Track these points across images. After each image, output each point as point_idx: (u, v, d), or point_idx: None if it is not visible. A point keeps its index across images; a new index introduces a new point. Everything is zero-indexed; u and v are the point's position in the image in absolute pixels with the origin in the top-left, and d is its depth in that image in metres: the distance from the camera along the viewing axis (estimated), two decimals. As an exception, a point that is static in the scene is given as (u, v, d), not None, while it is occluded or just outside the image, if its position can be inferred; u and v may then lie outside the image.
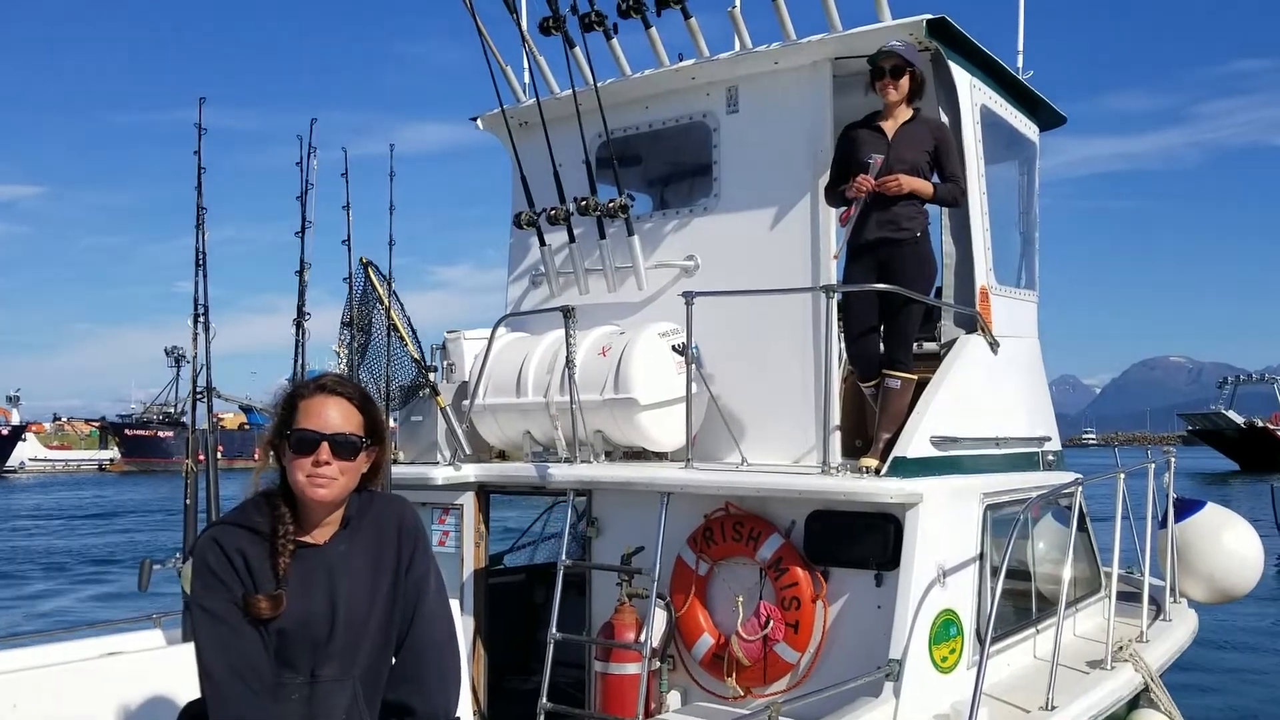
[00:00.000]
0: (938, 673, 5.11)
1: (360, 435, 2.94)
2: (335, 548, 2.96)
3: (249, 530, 2.89)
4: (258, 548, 2.86)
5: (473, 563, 6.62)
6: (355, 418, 2.95)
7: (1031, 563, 6.51)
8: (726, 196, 6.84)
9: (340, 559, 2.94)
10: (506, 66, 7.61)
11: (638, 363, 6.16)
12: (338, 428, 2.90)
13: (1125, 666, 6.07)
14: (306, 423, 2.89)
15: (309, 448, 2.86)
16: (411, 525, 3.14)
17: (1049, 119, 8.02)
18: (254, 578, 2.82)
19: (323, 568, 2.91)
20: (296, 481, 2.88)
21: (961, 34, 6.35)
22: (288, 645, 2.83)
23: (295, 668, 2.85)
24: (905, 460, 5.47)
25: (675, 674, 5.82)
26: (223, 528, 2.92)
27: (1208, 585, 8.09)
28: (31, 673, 4.44)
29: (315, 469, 2.86)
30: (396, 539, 3.05)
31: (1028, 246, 7.83)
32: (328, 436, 2.88)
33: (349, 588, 2.92)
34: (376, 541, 3.02)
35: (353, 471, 2.94)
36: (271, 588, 2.81)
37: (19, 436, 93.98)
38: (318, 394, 2.94)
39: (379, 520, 3.06)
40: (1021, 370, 7.03)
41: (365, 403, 3.00)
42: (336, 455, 2.88)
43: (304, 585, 2.86)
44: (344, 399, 2.95)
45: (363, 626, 2.92)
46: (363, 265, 6.56)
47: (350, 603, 2.90)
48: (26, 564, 25.61)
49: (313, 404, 2.92)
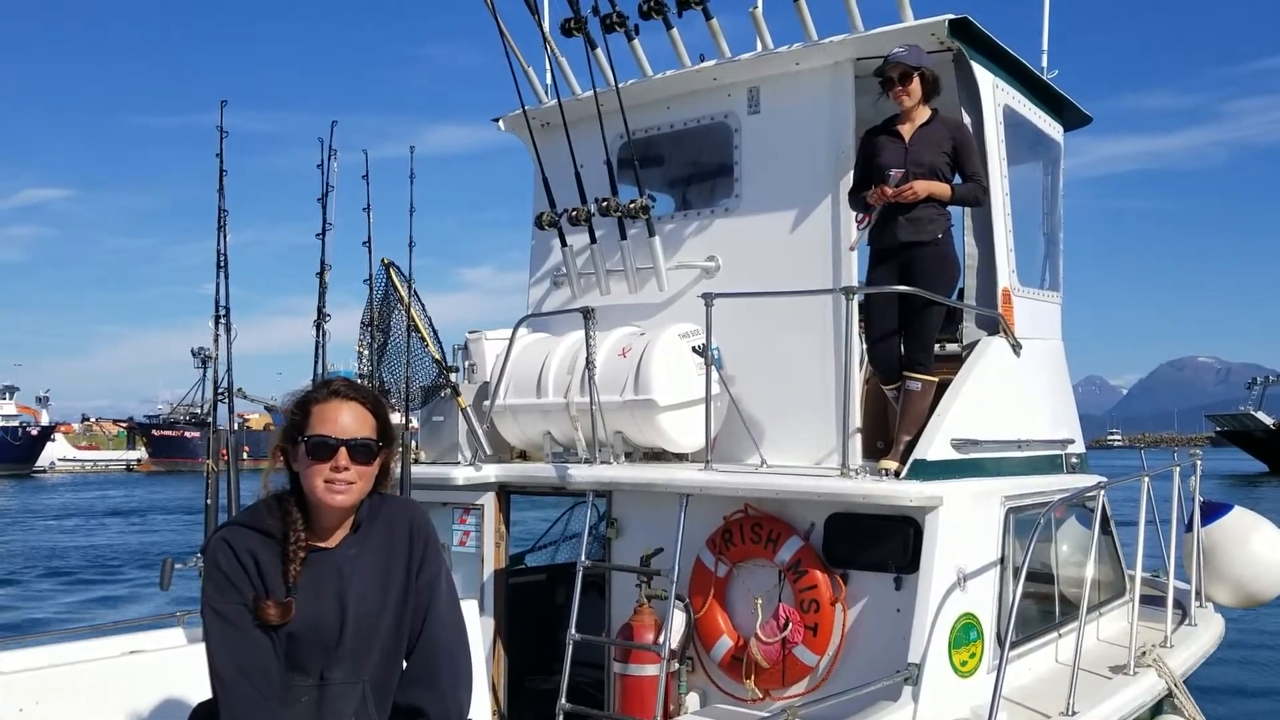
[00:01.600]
0: (957, 677, 5.07)
1: (375, 439, 2.94)
2: (345, 551, 2.95)
3: (261, 533, 2.88)
4: (269, 551, 2.85)
5: (493, 563, 6.63)
6: (369, 421, 2.94)
7: (1055, 566, 6.46)
8: (748, 197, 6.83)
9: (350, 562, 2.94)
10: (529, 67, 7.64)
11: (658, 364, 6.16)
12: (354, 432, 2.89)
13: (1148, 672, 6.01)
14: (323, 428, 2.87)
15: (327, 453, 2.85)
16: (422, 528, 3.12)
17: (1074, 119, 7.96)
18: (265, 581, 2.82)
19: (332, 571, 2.90)
20: (314, 488, 2.86)
21: (984, 34, 6.32)
22: (297, 648, 2.83)
23: (305, 670, 2.86)
24: (925, 463, 5.44)
25: (694, 676, 5.82)
26: (234, 529, 2.92)
27: (1235, 589, 8.00)
28: (54, 670, 4.48)
29: (334, 474, 2.85)
30: (408, 542, 3.04)
31: (1051, 247, 7.77)
32: (345, 442, 2.87)
33: (359, 591, 2.91)
34: (387, 545, 3.02)
35: (368, 475, 2.94)
36: (282, 593, 2.80)
37: (48, 437, 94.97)
38: (332, 399, 2.93)
39: (390, 523, 3.05)
40: (1044, 372, 6.98)
41: (377, 406, 3.00)
42: (354, 460, 2.87)
43: (314, 589, 2.85)
44: (358, 403, 2.95)
45: (373, 630, 2.92)
46: (384, 266, 6.59)
47: (360, 606, 2.90)
48: (58, 561, 25.88)
49: (327, 409, 2.91)
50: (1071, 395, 7.62)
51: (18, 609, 19.18)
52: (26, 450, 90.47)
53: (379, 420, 2.97)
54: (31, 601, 20.04)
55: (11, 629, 16.77)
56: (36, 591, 21.29)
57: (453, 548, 6.78)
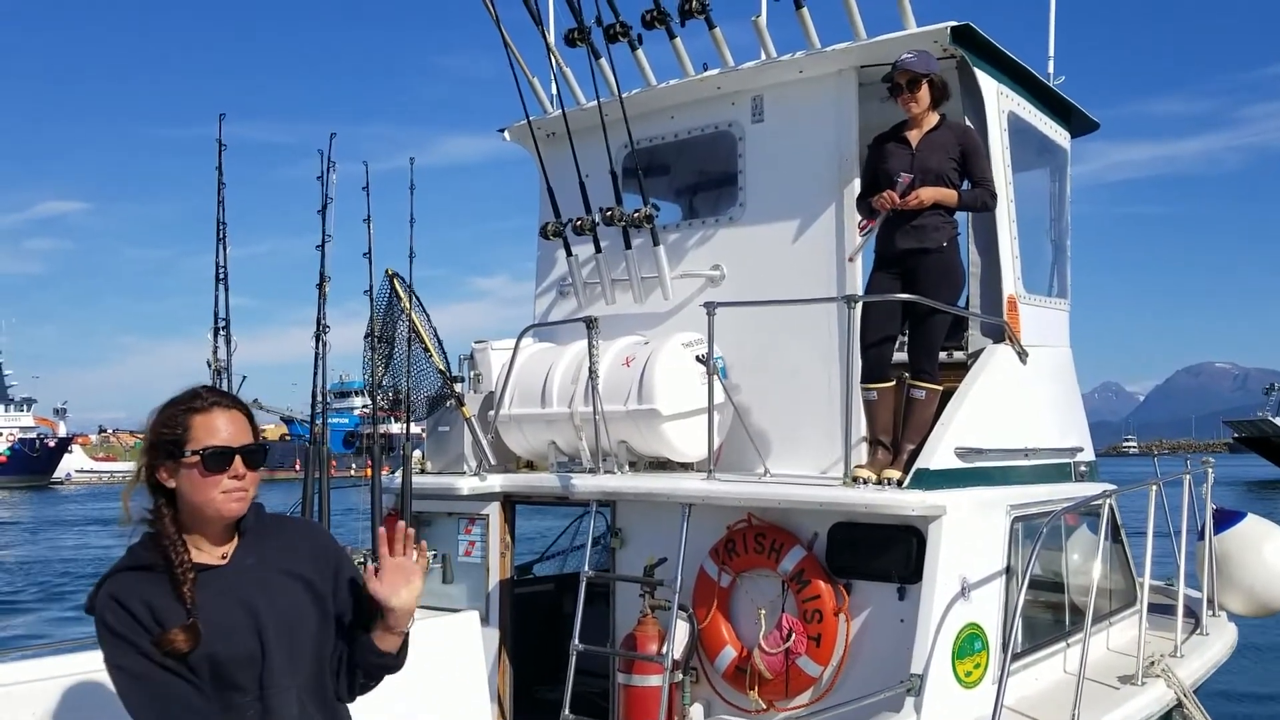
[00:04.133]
0: (961, 688, 5.04)
1: (257, 444, 2.90)
2: (242, 562, 2.87)
3: (143, 570, 2.78)
4: (158, 585, 2.75)
5: (498, 573, 6.63)
6: (248, 426, 2.90)
7: (1065, 575, 6.42)
8: (752, 206, 6.81)
9: (251, 572, 2.86)
10: (533, 78, 7.65)
11: (660, 373, 6.14)
12: (242, 439, 2.84)
13: (1157, 682, 5.95)
14: (215, 439, 2.80)
15: (225, 464, 2.79)
16: (323, 536, 3.12)
17: (1081, 125, 7.91)
18: (159, 617, 2.71)
19: (234, 585, 2.82)
20: (211, 500, 2.79)
21: (987, 41, 6.29)
22: (225, 669, 2.74)
23: (242, 688, 2.77)
24: (928, 472, 5.41)
25: (698, 686, 5.80)
26: (116, 578, 2.81)
27: (1248, 598, 7.95)
28: (54, 682, 4.48)
29: (232, 483, 2.79)
30: (310, 550, 2.99)
31: (1059, 254, 7.73)
32: (241, 449, 2.82)
33: (269, 598, 2.83)
34: (289, 547, 2.96)
35: (257, 482, 2.89)
36: (183, 617, 2.70)
37: (66, 448, 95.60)
38: (214, 409, 2.85)
39: (283, 534, 3.00)
40: (1052, 380, 6.94)
41: (249, 411, 2.95)
42: (249, 467, 2.83)
43: (219, 606, 2.76)
44: (237, 410, 2.89)
45: (294, 634, 2.85)
46: (388, 277, 6.61)
47: (274, 611, 2.82)
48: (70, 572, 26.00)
49: (212, 419, 2.83)
50: (1080, 403, 7.57)
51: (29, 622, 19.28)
52: (44, 462, 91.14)
53: (253, 425, 2.93)
54: (38, 614, 20.13)
55: (20, 640, 16.87)
56: (45, 605, 21.37)
57: (458, 558, 6.79)
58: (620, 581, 6.13)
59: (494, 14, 6.76)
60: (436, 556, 6.63)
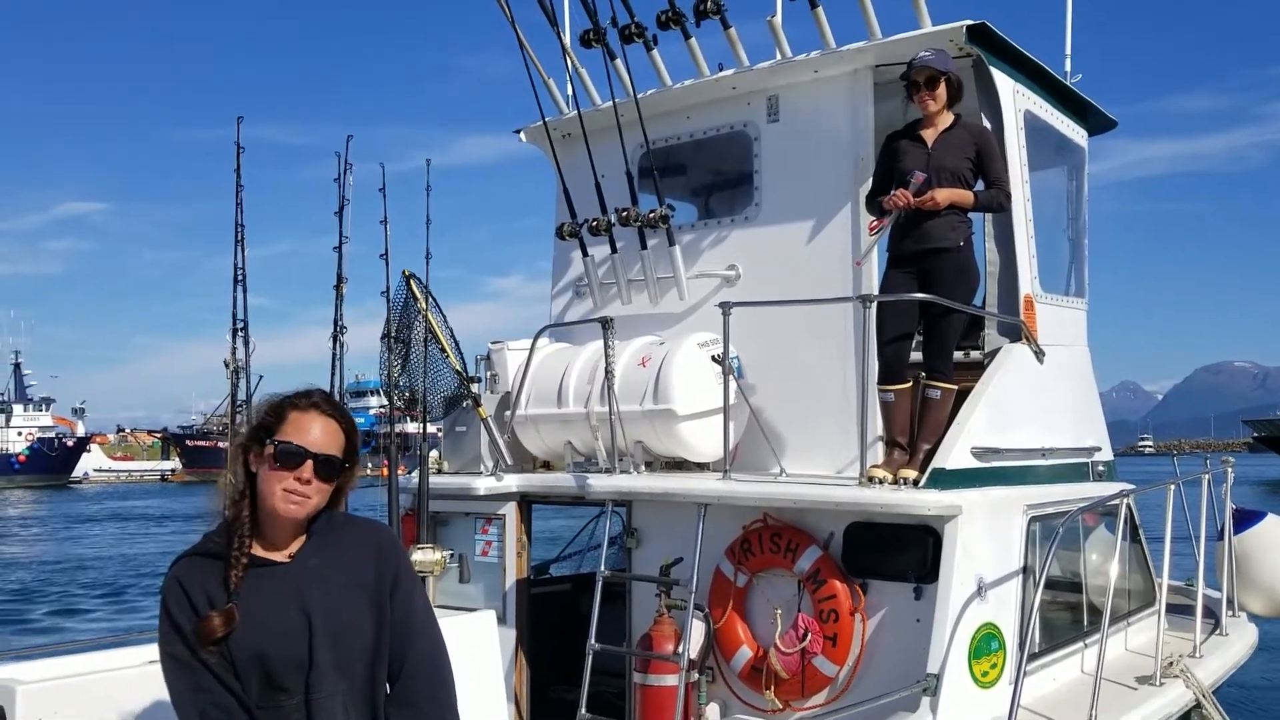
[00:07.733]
0: (978, 687, 5.03)
1: (341, 458, 2.90)
2: (305, 562, 2.87)
3: (210, 556, 2.81)
4: (221, 573, 2.77)
5: (515, 573, 6.64)
6: (339, 440, 2.90)
7: (1084, 575, 6.40)
8: (767, 206, 6.81)
9: (312, 573, 2.85)
10: (549, 79, 7.66)
11: (677, 373, 6.14)
12: (324, 447, 2.85)
13: (1175, 683, 5.93)
14: (295, 436, 2.83)
15: (294, 462, 2.80)
16: (392, 543, 3.07)
17: (1098, 123, 7.88)
18: (215, 605, 2.73)
19: (291, 583, 2.82)
20: (272, 493, 2.81)
21: (1003, 39, 6.27)
22: (273, 669, 2.74)
23: (287, 689, 2.76)
24: (944, 472, 5.40)
25: (714, 686, 5.80)
26: (185, 561, 2.84)
27: (1268, 598, 7.92)
28: (74, 680, 4.50)
29: (295, 484, 2.81)
30: (376, 555, 2.96)
31: (1076, 253, 7.70)
32: (314, 455, 2.83)
33: (326, 602, 2.82)
34: (355, 556, 2.93)
35: (326, 493, 2.89)
36: (223, 601, 2.72)
37: (84, 448, 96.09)
38: (311, 410, 2.88)
39: (354, 536, 2.98)
40: (1069, 379, 6.91)
41: (350, 428, 2.96)
42: (318, 475, 2.83)
43: (273, 605, 2.77)
44: (334, 420, 2.90)
45: (346, 640, 2.83)
46: (405, 278, 6.63)
47: (329, 616, 2.81)
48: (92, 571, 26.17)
49: (304, 419, 2.86)
50: (1098, 402, 7.53)
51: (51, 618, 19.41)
52: (63, 461, 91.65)
53: (348, 442, 2.93)
54: (62, 611, 20.26)
55: (40, 635, 16.99)
56: (68, 603, 21.50)
57: (475, 558, 6.81)
58: (636, 581, 6.13)
59: (510, 15, 6.77)
60: (453, 556, 6.65)
